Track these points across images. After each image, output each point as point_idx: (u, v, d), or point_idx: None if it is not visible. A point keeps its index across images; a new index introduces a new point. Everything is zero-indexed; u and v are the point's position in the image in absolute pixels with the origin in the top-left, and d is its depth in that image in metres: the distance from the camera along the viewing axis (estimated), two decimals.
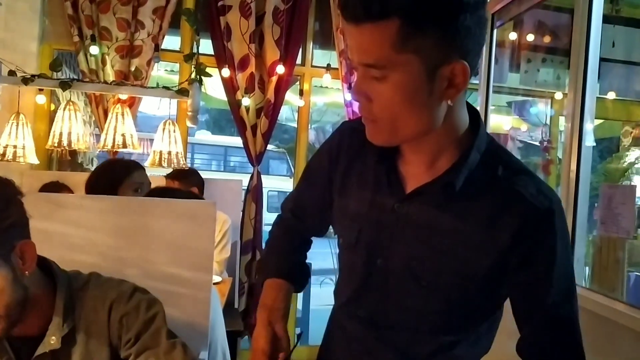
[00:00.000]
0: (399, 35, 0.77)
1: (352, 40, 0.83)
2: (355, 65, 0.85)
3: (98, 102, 3.38)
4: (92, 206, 1.59)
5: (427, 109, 0.85)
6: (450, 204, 0.90)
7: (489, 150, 0.93)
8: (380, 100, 0.84)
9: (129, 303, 1.18)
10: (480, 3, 0.80)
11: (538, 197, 0.87)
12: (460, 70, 0.82)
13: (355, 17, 0.79)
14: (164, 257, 1.59)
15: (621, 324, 1.91)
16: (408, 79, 0.81)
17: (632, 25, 3.88)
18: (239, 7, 3.49)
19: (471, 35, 0.80)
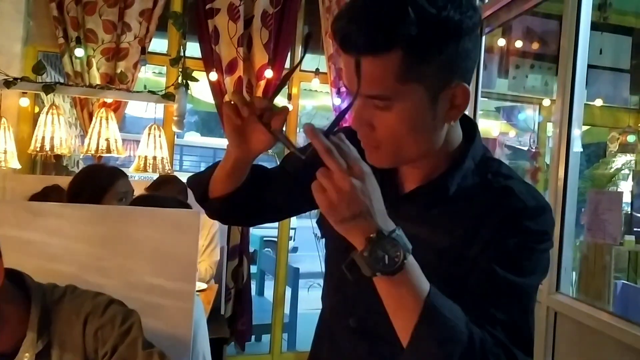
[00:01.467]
0: (402, 66, 0.77)
1: (351, 71, 0.79)
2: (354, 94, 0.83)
3: (83, 105, 3.33)
4: (72, 215, 1.55)
5: (431, 132, 0.85)
6: (441, 209, 0.90)
7: (482, 160, 0.93)
8: (384, 128, 0.83)
9: (104, 316, 1.14)
10: (477, 24, 0.81)
11: (526, 196, 0.87)
12: (461, 91, 0.82)
13: (356, 49, 0.76)
14: (146, 267, 1.56)
15: (607, 334, 1.91)
16: (413, 107, 0.81)
17: (619, 32, 3.90)
18: (228, 10, 3.46)
19: (469, 55, 0.81)
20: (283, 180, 1.11)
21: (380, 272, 0.73)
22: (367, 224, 0.72)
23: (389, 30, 0.75)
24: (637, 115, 4.30)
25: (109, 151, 2.94)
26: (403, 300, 0.75)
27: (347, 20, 0.77)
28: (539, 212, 0.87)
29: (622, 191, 3.88)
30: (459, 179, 0.89)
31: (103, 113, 3.02)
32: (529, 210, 0.85)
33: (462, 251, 0.87)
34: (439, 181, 0.90)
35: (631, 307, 2.64)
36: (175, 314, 1.56)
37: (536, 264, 0.86)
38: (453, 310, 0.76)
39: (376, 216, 0.73)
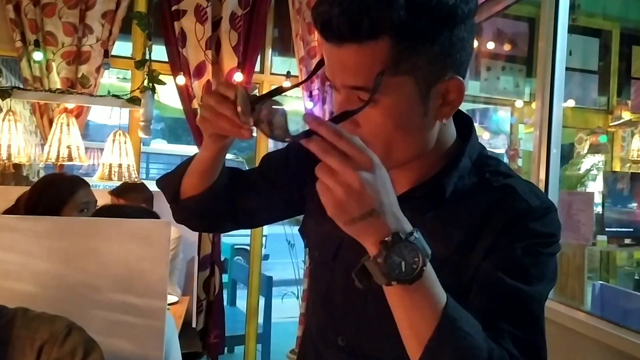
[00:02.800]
0: (391, 56, 0.69)
1: (333, 60, 0.73)
2: (336, 87, 0.75)
3: (43, 111, 3.16)
4: (29, 228, 1.43)
5: (422, 131, 0.78)
6: (439, 209, 0.83)
7: (479, 158, 0.87)
8: (370, 126, 0.75)
9: (64, 347, 1.01)
10: (472, 10, 0.73)
11: (530, 195, 0.81)
12: (455, 86, 0.75)
13: (339, 37, 0.70)
14: (112, 284, 1.44)
15: (583, 333, 1.89)
16: (401, 102, 0.73)
17: (588, 34, 3.94)
18: (194, 12, 3.35)
19: (464, 46, 0.74)
20: (260, 184, 1.03)
21: (396, 280, 0.64)
22: (380, 224, 0.63)
23: (375, 16, 0.67)
24: (605, 116, 4.34)
25: (71, 159, 2.79)
26: (418, 310, 0.67)
27: (329, 4, 0.69)
28: (544, 213, 0.80)
29: (593, 192, 3.92)
30: (456, 179, 0.82)
31: (64, 119, 2.86)
32: (533, 211, 0.79)
33: (462, 258, 0.80)
34: (433, 182, 0.83)
35: (608, 308, 2.63)
36: (146, 332, 1.45)
37: (545, 270, 0.78)
38: (471, 323, 0.68)
39: (390, 214, 0.64)
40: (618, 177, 3.39)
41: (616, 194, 3.15)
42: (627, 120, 4.07)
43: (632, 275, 3.78)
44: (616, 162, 4.36)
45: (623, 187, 3.27)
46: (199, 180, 0.95)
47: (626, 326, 1.82)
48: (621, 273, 3.75)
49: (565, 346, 2.03)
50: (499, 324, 0.72)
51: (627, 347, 1.70)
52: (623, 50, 4.14)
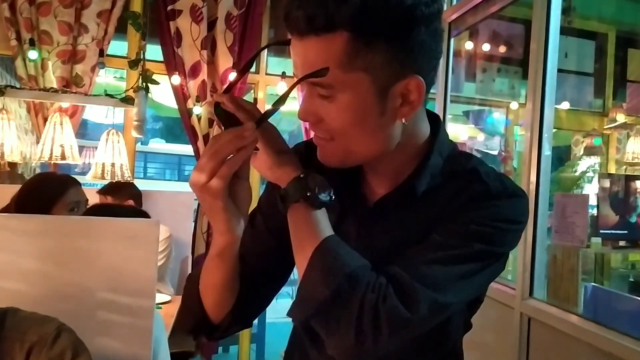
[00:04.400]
0: (347, 51, 0.70)
1: (295, 56, 0.75)
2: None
3: (37, 110, 3.17)
4: (18, 227, 1.43)
5: (380, 129, 0.78)
6: (413, 209, 0.84)
7: (451, 156, 0.87)
8: (329, 121, 0.76)
9: (53, 349, 1.00)
10: (434, 15, 0.73)
11: (493, 181, 0.81)
12: (415, 86, 0.75)
13: (298, 30, 0.72)
14: (100, 283, 1.44)
15: (579, 338, 1.89)
16: (357, 99, 0.74)
17: (583, 36, 3.95)
18: (190, 12, 3.36)
19: (426, 49, 0.74)
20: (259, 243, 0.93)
21: (308, 194, 0.77)
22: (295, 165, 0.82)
23: (331, 9, 0.68)
24: (601, 118, 4.35)
25: (64, 157, 2.79)
26: (311, 231, 0.77)
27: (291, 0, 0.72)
28: (502, 196, 0.80)
29: (588, 194, 3.92)
30: (428, 177, 0.83)
31: (57, 118, 2.86)
32: (490, 193, 0.80)
33: None
34: (406, 185, 0.84)
35: (600, 310, 2.64)
36: (133, 332, 1.45)
37: (484, 235, 0.77)
38: (350, 253, 0.77)
39: None
40: (613, 180, 3.41)
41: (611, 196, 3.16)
42: (622, 122, 4.08)
43: (627, 277, 3.78)
44: (611, 165, 4.37)
45: (618, 189, 3.28)
46: (225, 293, 0.85)
47: (618, 329, 1.82)
48: (615, 275, 3.75)
49: (557, 349, 2.03)
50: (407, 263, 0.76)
51: (619, 351, 1.70)
52: (618, 53, 4.15)
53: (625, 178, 3.55)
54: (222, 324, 0.88)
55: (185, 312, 0.92)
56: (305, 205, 0.77)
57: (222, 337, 0.92)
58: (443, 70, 3.12)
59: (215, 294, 0.85)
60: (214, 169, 0.70)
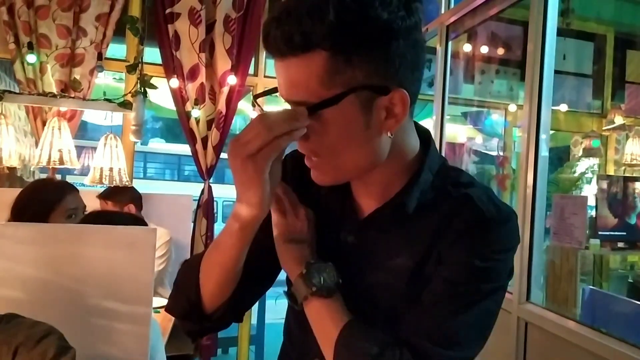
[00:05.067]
0: (327, 69, 0.71)
1: (278, 76, 0.76)
2: (285, 101, 0.77)
3: (36, 113, 3.17)
4: (15, 235, 1.44)
5: (366, 143, 0.78)
6: (403, 227, 0.85)
7: (441, 171, 0.87)
8: (315, 138, 0.77)
9: (35, 349, 1.02)
10: (412, 27, 0.73)
11: (487, 205, 0.81)
12: (399, 99, 0.75)
13: (277, 50, 0.73)
14: (98, 290, 1.45)
15: (576, 344, 1.89)
16: (341, 115, 0.74)
17: (582, 38, 3.95)
18: (188, 15, 3.36)
19: (407, 62, 0.74)
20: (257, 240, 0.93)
21: (316, 288, 0.81)
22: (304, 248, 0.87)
23: (307, 29, 0.69)
24: (599, 119, 4.35)
25: (62, 162, 2.79)
26: (328, 324, 0.81)
27: (270, 20, 0.73)
28: (498, 222, 0.81)
29: (586, 195, 3.93)
30: (417, 194, 0.83)
31: (55, 122, 2.87)
32: (487, 220, 0.80)
33: (420, 268, 0.82)
34: (396, 200, 0.84)
35: (598, 312, 2.64)
36: (130, 339, 1.46)
37: (489, 275, 0.80)
38: (369, 333, 0.80)
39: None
40: (612, 181, 3.41)
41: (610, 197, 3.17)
42: (620, 124, 4.08)
43: (626, 278, 3.78)
44: (610, 166, 4.37)
45: (617, 191, 3.29)
46: (226, 283, 0.86)
47: (615, 334, 1.82)
48: (614, 276, 3.75)
49: (554, 354, 2.03)
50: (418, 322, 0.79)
51: (616, 357, 1.70)
52: (617, 54, 4.15)
53: (624, 179, 3.55)
54: (215, 314, 0.88)
55: (179, 296, 0.90)
56: (315, 298, 0.82)
57: (210, 328, 0.91)
58: (441, 72, 3.13)
59: (220, 276, 0.85)
60: (265, 141, 0.71)
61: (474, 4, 2.81)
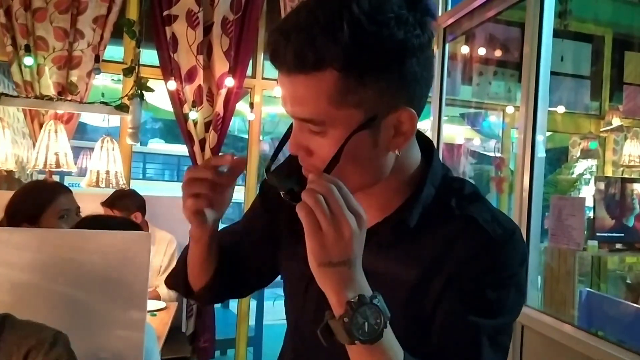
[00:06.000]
0: (338, 88, 0.68)
1: (284, 90, 0.73)
2: (290, 116, 0.75)
3: (33, 116, 3.17)
4: (10, 240, 1.44)
5: (373, 161, 0.76)
6: (403, 241, 0.83)
7: (443, 182, 0.86)
8: (320, 154, 0.74)
9: (49, 355, 1.04)
10: (425, 44, 0.71)
11: (492, 224, 0.79)
12: (407, 117, 0.73)
13: (286, 67, 0.70)
14: (92, 295, 1.45)
15: (569, 346, 1.89)
16: (348, 134, 0.71)
17: (579, 39, 3.94)
18: (186, 17, 3.36)
19: (418, 80, 0.72)
20: (252, 241, 1.03)
21: (359, 340, 0.68)
22: (350, 275, 0.68)
23: (320, 47, 0.66)
24: (597, 121, 4.35)
25: (59, 165, 2.79)
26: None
27: (278, 34, 0.69)
28: (505, 241, 0.79)
29: (584, 197, 3.93)
30: (420, 209, 0.81)
31: (52, 125, 2.86)
32: (494, 242, 0.78)
33: (424, 286, 0.80)
34: (397, 216, 0.82)
35: (595, 314, 2.64)
36: (125, 343, 1.46)
37: (505, 302, 0.79)
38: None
39: (360, 270, 0.70)
40: (610, 182, 3.41)
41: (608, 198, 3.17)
42: (618, 125, 4.08)
43: (624, 279, 3.78)
44: (608, 167, 4.37)
45: (615, 192, 3.29)
46: (201, 272, 0.97)
47: (611, 337, 1.82)
48: (612, 277, 3.75)
49: (550, 358, 2.04)
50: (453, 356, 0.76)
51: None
52: (615, 56, 4.14)
53: (622, 180, 3.56)
54: (198, 293, 1.01)
55: (176, 273, 1.03)
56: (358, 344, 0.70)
57: (195, 299, 1.05)
58: (438, 75, 3.13)
59: (194, 266, 0.97)
60: (184, 197, 0.83)
61: (472, 6, 2.81)
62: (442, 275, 0.79)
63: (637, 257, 3.56)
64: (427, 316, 0.80)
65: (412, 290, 0.81)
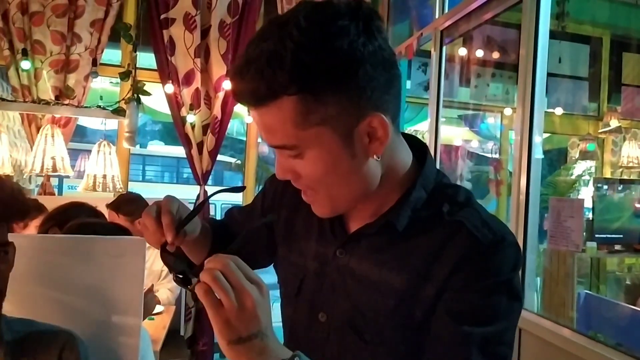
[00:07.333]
0: (299, 111, 0.70)
1: (255, 123, 0.77)
2: (268, 145, 0.79)
3: (31, 120, 3.17)
4: None
5: (356, 171, 0.77)
6: (393, 246, 0.83)
7: (437, 187, 0.85)
8: (306, 175, 0.78)
9: None
10: (376, 49, 0.71)
11: (481, 230, 0.78)
12: (378, 123, 0.74)
13: (247, 103, 0.74)
14: (85, 302, 1.44)
15: (567, 350, 1.89)
16: (325, 151, 0.74)
17: (577, 41, 3.95)
18: (183, 20, 3.36)
19: (378, 84, 0.72)
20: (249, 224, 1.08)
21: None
22: (261, 346, 0.66)
23: (269, 79, 0.68)
24: (596, 122, 4.35)
25: (55, 170, 2.79)
26: None
27: (233, 73, 0.73)
28: (495, 246, 0.78)
29: (583, 198, 3.93)
30: (409, 211, 0.82)
31: (48, 130, 2.86)
32: (484, 247, 0.77)
33: (412, 293, 0.80)
34: (386, 218, 0.82)
35: (594, 317, 2.64)
36: (120, 350, 1.46)
37: (497, 308, 0.78)
38: None
39: (273, 338, 0.67)
40: (609, 184, 3.41)
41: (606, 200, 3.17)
42: (616, 126, 4.08)
43: (623, 280, 3.78)
44: (606, 169, 4.37)
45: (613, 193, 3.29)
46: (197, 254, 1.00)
47: (608, 340, 1.82)
48: (611, 279, 3.76)
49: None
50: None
51: None
52: (613, 57, 4.15)
53: (620, 182, 3.56)
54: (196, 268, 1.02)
55: None
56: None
57: None
58: (435, 77, 3.13)
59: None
60: None
61: (468, 8, 2.81)
62: (431, 282, 0.79)
63: (636, 258, 3.56)
64: (418, 324, 0.80)
65: (402, 296, 0.81)
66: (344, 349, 0.87)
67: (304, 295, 0.92)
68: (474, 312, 0.77)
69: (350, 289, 0.86)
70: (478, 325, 0.76)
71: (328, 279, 0.88)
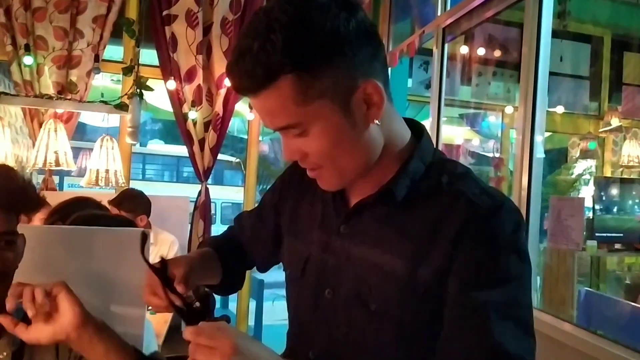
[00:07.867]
0: (297, 89, 0.74)
1: (257, 110, 0.80)
2: (272, 129, 0.82)
3: (33, 115, 3.18)
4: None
5: (359, 139, 0.81)
6: (394, 216, 0.86)
7: (436, 162, 0.89)
8: (313, 152, 0.81)
9: None
10: (359, 22, 0.76)
11: (480, 197, 0.82)
12: (373, 88, 0.79)
13: (247, 90, 0.77)
14: (88, 293, 1.44)
15: (569, 345, 1.89)
16: (327, 124, 0.78)
17: (578, 40, 3.96)
18: (185, 17, 3.37)
19: (365, 53, 0.78)
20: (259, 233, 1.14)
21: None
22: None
23: (264, 62, 0.72)
24: (596, 121, 4.36)
25: (58, 164, 2.79)
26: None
27: (231, 66, 0.77)
28: (496, 210, 0.81)
29: (583, 197, 3.93)
30: (407, 181, 0.85)
31: (51, 124, 2.87)
32: (484, 212, 0.80)
33: (416, 259, 0.82)
34: (385, 189, 0.86)
35: (594, 314, 2.65)
36: None
37: (507, 268, 0.79)
38: None
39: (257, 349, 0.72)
40: (609, 183, 3.41)
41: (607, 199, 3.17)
42: (617, 126, 4.09)
43: (623, 279, 3.79)
44: (607, 167, 4.38)
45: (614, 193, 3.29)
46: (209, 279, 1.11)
47: (610, 335, 1.82)
48: (611, 278, 3.76)
49: (549, 357, 2.03)
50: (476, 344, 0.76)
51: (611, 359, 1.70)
52: (614, 56, 4.16)
53: (621, 181, 3.56)
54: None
55: None
56: None
57: None
58: (437, 75, 3.13)
59: None
60: None
61: (470, 6, 2.81)
62: (435, 249, 0.81)
63: (636, 258, 3.56)
64: (423, 291, 0.81)
65: (405, 263, 0.82)
66: (350, 324, 0.88)
67: (309, 275, 0.94)
68: (485, 275, 0.78)
69: (355, 262, 0.88)
70: (491, 288, 0.77)
71: (333, 256, 0.91)
